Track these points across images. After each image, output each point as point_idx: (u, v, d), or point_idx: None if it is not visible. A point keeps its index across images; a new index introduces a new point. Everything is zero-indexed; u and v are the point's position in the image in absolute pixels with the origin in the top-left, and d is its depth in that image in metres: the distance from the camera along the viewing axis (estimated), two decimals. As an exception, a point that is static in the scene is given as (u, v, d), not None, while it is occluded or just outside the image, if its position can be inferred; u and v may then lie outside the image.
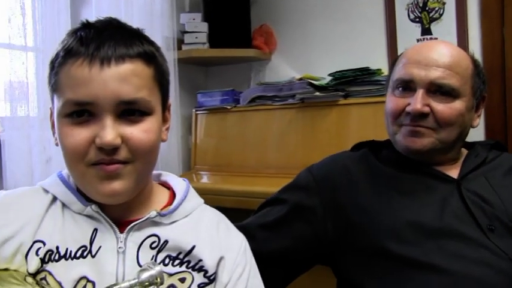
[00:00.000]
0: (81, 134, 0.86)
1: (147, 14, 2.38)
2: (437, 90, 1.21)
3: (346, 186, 1.28)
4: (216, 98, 2.65)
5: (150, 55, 0.92)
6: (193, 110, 2.73)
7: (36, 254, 0.87)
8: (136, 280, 0.82)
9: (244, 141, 2.56)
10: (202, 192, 1.10)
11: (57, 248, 0.88)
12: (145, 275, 0.83)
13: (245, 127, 2.56)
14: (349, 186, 1.28)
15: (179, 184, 1.05)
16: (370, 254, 1.18)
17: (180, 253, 0.94)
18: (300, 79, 2.37)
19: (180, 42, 2.64)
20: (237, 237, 1.04)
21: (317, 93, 2.27)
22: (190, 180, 1.09)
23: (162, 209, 0.96)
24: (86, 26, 0.91)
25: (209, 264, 0.95)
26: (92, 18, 1.92)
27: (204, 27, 2.65)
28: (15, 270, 0.86)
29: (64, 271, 0.87)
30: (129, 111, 0.88)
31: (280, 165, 2.41)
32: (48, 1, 2.00)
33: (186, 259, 0.94)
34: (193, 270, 0.94)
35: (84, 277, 0.87)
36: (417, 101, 1.21)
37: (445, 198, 1.18)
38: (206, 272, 0.94)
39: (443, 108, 1.21)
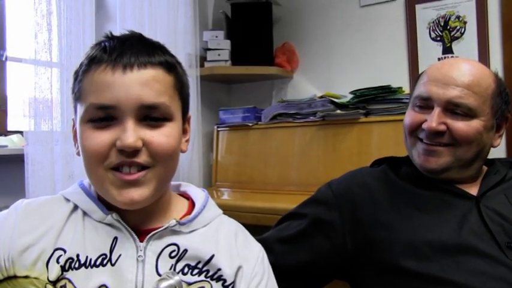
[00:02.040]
0: (102, 137, 0.88)
1: (171, 31, 2.41)
2: (454, 109, 1.22)
3: (365, 201, 1.28)
4: (237, 115, 2.67)
5: (171, 64, 0.94)
6: (215, 127, 2.76)
7: (57, 261, 0.88)
8: None
9: (266, 158, 2.57)
10: (223, 209, 1.11)
11: (78, 255, 0.89)
12: (164, 285, 0.84)
13: (266, 144, 2.58)
14: (368, 201, 1.28)
15: (198, 194, 1.06)
16: (388, 270, 1.18)
17: (199, 262, 0.94)
18: (321, 97, 2.38)
19: (203, 60, 2.67)
20: (255, 247, 1.04)
21: (338, 111, 2.28)
22: (211, 197, 1.10)
23: (181, 218, 0.97)
24: (110, 37, 0.95)
25: (228, 273, 0.95)
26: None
27: (227, 44, 2.68)
28: (35, 278, 0.87)
29: (84, 279, 0.88)
30: (150, 116, 0.89)
31: (301, 182, 2.42)
32: (74, 18, 2.03)
33: (205, 268, 0.94)
34: (212, 279, 0.94)
35: (103, 285, 0.88)
36: (433, 119, 1.22)
37: (464, 215, 1.18)
38: (225, 281, 0.95)
39: (460, 125, 1.21)
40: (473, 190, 1.25)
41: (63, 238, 0.91)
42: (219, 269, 0.94)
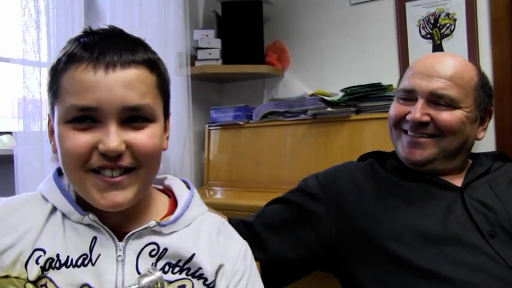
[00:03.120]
0: (83, 139, 0.84)
1: (161, 30, 2.40)
2: (437, 100, 1.25)
3: (351, 193, 1.31)
4: (229, 114, 2.67)
5: (154, 62, 0.92)
6: (206, 126, 2.75)
7: (37, 262, 0.87)
8: (136, 286, 0.83)
9: (257, 157, 2.57)
10: (215, 208, 1.11)
11: (58, 255, 0.88)
12: (145, 281, 0.83)
13: (258, 143, 2.58)
14: (354, 193, 1.31)
15: (182, 192, 1.04)
16: (373, 258, 1.20)
17: (179, 260, 0.94)
18: (312, 95, 2.39)
19: (194, 59, 2.66)
20: (237, 243, 1.04)
21: (329, 109, 2.28)
22: (203, 196, 1.10)
23: (162, 219, 0.95)
24: (89, 33, 0.90)
25: (209, 272, 0.94)
26: None
27: (217, 43, 2.67)
28: (16, 277, 0.86)
29: (66, 278, 0.87)
30: (133, 117, 0.87)
31: (293, 180, 2.40)
32: (62, 17, 2.02)
33: (186, 266, 0.94)
34: (193, 277, 0.93)
35: (86, 284, 0.87)
36: (417, 110, 1.25)
37: (448, 206, 1.20)
38: (206, 279, 0.94)
39: (443, 115, 1.24)
40: (458, 182, 1.28)
41: (43, 239, 0.89)
42: (200, 268, 0.94)
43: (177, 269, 0.93)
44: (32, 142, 1.89)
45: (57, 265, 0.87)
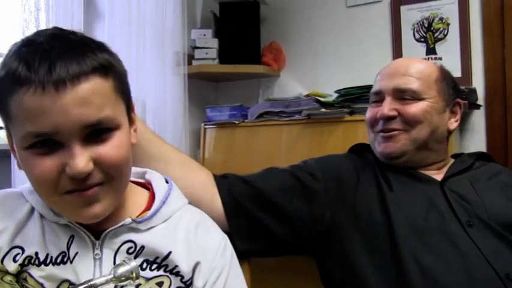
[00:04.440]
0: (48, 163, 0.80)
1: (159, 29, 2.43)
2: (402, 95, 1.36)
3: (348, 179, 1.37)
4: (224, 113, 2.69)
5: (106, 66, 0.85)
6: (202, 124, 2.78)
7: (14, 260, 0.88)
8: (112, 275, 0.82)
9: (252, 156, 2.59)
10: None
11: (37, 254, 0.88)
12: (121, 270, 0.83)
13: (253, 142, 2.60)
14: (351, 180, 1.37)
15: (161, 187, 1.03)
16: (363, 244, 1.27)
17: (157, 258, 0.94)
18: (307, 95, 2.42)
19: (191, 58, 2.69)
20: (216, 238, 1.03)
21: (323, 110, 2.31)
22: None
23: (138, 216, 0.95)
24: (29, 44, 0.82)
25: (185, 270, 0.94)
26: (105, 33, 1.94)
27: (215, 43, 2.70)
28: None
29: (46, 275, 0.88)
30: (95, 131, 0.82)
31: (286, 179, 2.45)
32: (62, 15, 2.04)
33: (163, 263, 0.94)
34: (171, 274, 0.94)
35: (66, 280, 0.88)
36: (384, 107, 1.36)
37: (430, 198, 1.28)
38: (183, 277, 0.95)
39: (408, 107, 1.35)
40: (439, 177, 1.36)
41: (22, 237, 0.90)
42: (177, 266, 0.94)
43: (154, 266, 0.94)
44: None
45: (37, 262, 0.88)
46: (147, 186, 1.05)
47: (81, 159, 0.80)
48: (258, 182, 1.35)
